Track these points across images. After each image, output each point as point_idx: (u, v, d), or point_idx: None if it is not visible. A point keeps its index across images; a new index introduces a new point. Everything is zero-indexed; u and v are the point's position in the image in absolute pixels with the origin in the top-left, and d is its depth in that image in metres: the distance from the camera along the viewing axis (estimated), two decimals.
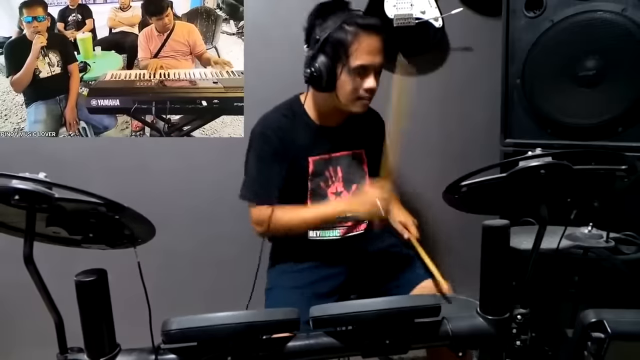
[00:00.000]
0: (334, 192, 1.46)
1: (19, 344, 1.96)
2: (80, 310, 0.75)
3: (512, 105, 1.59)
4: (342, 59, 1.27)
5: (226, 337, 0.77)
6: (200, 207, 1.96)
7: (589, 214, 1.33)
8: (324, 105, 1.40)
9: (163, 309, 0.77)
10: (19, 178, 0.68)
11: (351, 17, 1.28)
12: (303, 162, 1.41)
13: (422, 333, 0.84)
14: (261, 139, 1.39)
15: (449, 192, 0.88)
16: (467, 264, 1.81)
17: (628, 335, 0.71)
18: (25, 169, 0.70)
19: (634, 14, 1.34)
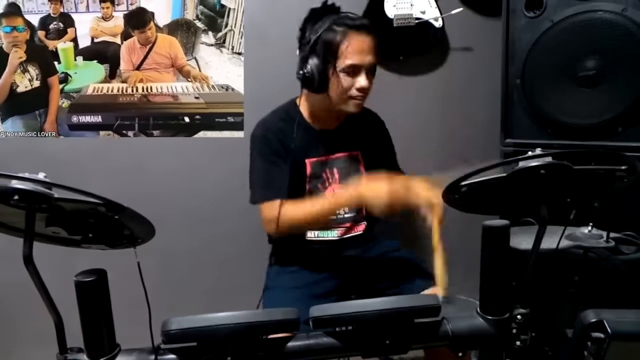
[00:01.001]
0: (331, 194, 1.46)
1: (19, 344, 1.96)
2: (80, 310, 0.75)
3: (512, 105, 1.59)
4: (332, 59, 1.28)
5: (226, 337, 0.77)
6: (200, 207, 1.96)
7: (589, 214, 1.33)
8: (318, 107, 1.41)
9: (163, 309, 0.77)
10: (18, 178, 0.68)
11: (340, 18, 1.29)
12: (301, 164, 1.42)
13: (422, 333, 0.84)
14: (262, 142, 1.39)
15: (449, 192, 0.88)
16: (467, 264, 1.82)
17: (628, 336, 0.71)
18: (24, 169, 0.70)
19: (634, 14, 1.34)
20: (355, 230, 1.51)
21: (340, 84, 1.30)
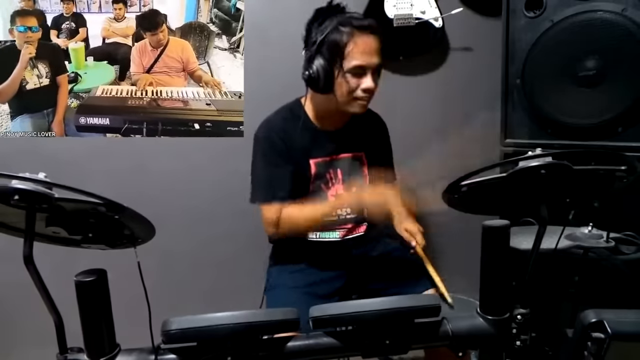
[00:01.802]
0: (334, 194, 1.46)
1: (19, 344, 1.96)
2: (80, 310, 0.75)
3: (512, 105, 1.59)
4: (338, 59, 1.27)
5: (226, 337, 0.77)
6: (200, 207, 1.96)
7: (589, 214, 1.33)
8: (323, 107, 1.40)
9: (163, 309, 0.77)
10: (18, 178, 0.68)
11: (346, 18, 1.28)
12: (305, 164, 1.41)
13: (422, 333, 0.84)
14: (266, 143, 1.39)
15: (449, 192, 0.88)
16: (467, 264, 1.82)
17: (628, 336, 0.71)
18: (25, 169, 0.70)
19: (634, 14, 1.34)
20: (357, 231, 1.51)
21: (346, 84, 1.29)
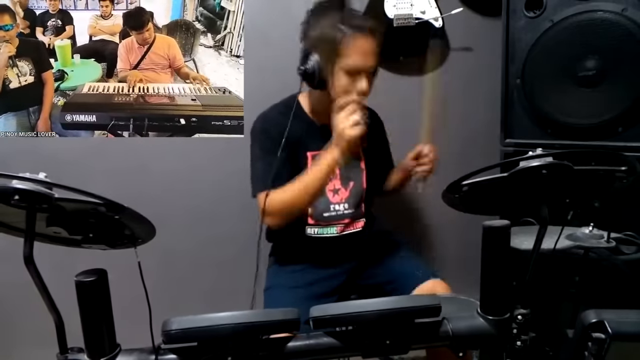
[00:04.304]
0: (332, 189, 1.46)
1: (19, 344, 1.96)
2: (81, 310, 0.75)
3: (512, 105, 1.59)
4: (334, 58, 1.26)
5: (226, 337, 0.77)
6: (201, 207, 1.96)
7: (589, 214, 1.33)
8: (319, 103, 1.40)
9: (163, 309, 0.77)
10: (19, 178, 0.68)
11: (346, 17, 1.27)
12: (302, 157, 1.41)
13: (423, 333, 0.84)
14: (263, 134, 1.39)
15: (449, 192, 0.88)
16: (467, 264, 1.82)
17: (629, 336, 0.71)
18: (25, 169, 0.70)
19: (634, 14, 1.34)
20: (355, 226, 1.51)
21: (340, 84, 1.29)
